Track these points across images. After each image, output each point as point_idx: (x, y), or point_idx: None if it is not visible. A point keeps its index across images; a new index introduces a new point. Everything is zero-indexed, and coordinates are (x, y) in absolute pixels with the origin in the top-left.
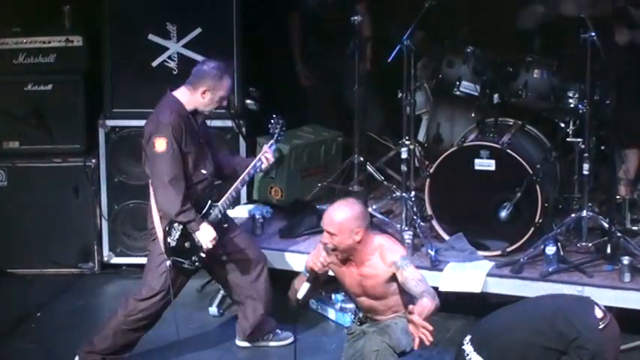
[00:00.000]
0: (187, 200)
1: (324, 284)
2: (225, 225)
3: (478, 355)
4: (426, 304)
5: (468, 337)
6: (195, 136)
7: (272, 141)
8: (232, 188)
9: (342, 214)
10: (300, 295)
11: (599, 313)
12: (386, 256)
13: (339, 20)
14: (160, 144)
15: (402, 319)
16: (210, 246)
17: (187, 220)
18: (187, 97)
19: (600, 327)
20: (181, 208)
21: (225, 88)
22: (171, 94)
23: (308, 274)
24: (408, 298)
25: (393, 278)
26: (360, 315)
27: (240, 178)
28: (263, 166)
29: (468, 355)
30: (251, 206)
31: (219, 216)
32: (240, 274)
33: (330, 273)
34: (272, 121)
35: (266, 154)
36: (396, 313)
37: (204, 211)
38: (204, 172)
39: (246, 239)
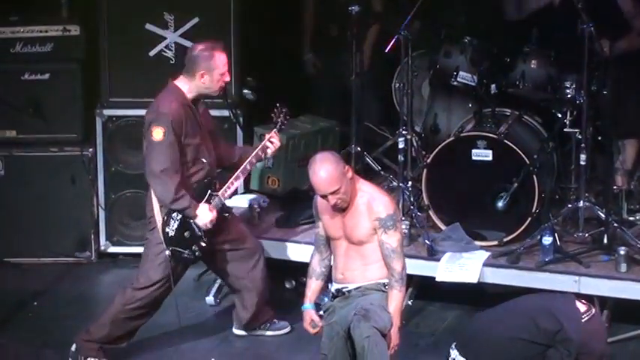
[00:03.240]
0: (182, 188)
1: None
2: (227, 215)
3: (462, 358)
4: (394, 338)
5: (453, 344)
6: (196, 124)
7: (275, 129)
8: (233, 177)
9: (326, 170)
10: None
11: (581, 307)
12: (372, 208)
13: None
14: (157, 133)
15: (376, 294)
16: (210, 226)
17: (183, 207)
18: (188, 84)
19: (584, 319)
20: (175, 195)
21: (221, 64)
22: (173, 84)
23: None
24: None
25: (375, 233)
26: (333, 290)
27: (242, 167)
28: (270, 152)
29: (454, 359)
30: (248, 196)
31: (220, 205)
32: (237, 263)
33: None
34: (275, 109)
35: (272, 138)
36: (370, 280)
37: (205, 200)
38: (204, 160)
39: (243, 229)
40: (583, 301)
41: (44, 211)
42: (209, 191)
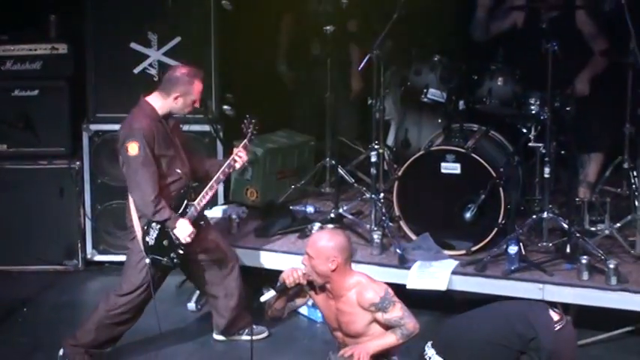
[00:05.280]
0: (162, 199)
1: (292, 299)
2: (202, 223)
3: (439, 358)
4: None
5: (429, 343)
6: (167, 138)
7: (245, 140)
8: (207, 187)
9: (322, 241)
10: (262, 298)
11: (555, 316)
12: (364, 297)
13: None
14: (133, 148)
15: None
16: (189, 240)
17: (163, 219)
18: (161, 102)
19: (557, 328)
20: (156, 207)
21: (196, 92)
22: (144, 100)
23: (279, 284)
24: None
25: (376, 320)
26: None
27: (215, 177)
28: (237, 165)
29: (430, 358)
30: (227, 207)
31: (196, 215)
32: (211, 271)
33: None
34: (245, 121)
35: (239, 154)
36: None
37: (182, 210)
38: (178, 171)
39: (220, 239)
40: (556, 310)
41: (34, 221)
42: (186, 201)
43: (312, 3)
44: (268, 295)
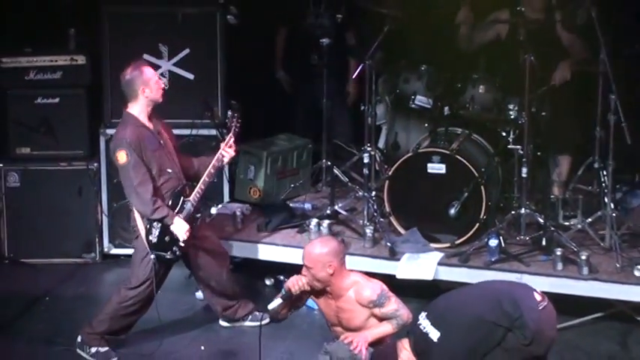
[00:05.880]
0: (158, 198)
1: (295, 304)
2: (198, 216)
3: (434, 328)
4: (358, 338)
5: (424, 314)
6: (154, 140)
7: (230, 134)
8: (200, 182)
9: (316, 250)
10: (270, 306)
11: (538, 297)
12: (362, 295)
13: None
14: (121, 156)
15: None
16: (186, 237)
17: (161, 217)
18: (137, 106)
19: (540, 308)
20: (153, 206)
21: (151, 75)
22: (126, 112)
23: (284, 293)
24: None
25: (373, 315)
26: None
27: (206, 172)
28: (226, 160)
29: (424, 328)
30: (233, 204)
31: (192, 209)
32: (205, 260)
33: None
34: (228, 114)
35: (226, 149)
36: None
37: (179, 206)
38: (169, 170)
39: (211, 234)
40: (539, 291)
41: (55, 217)
42: (182, 198)
43: (310, 17)
44: (275, 303)
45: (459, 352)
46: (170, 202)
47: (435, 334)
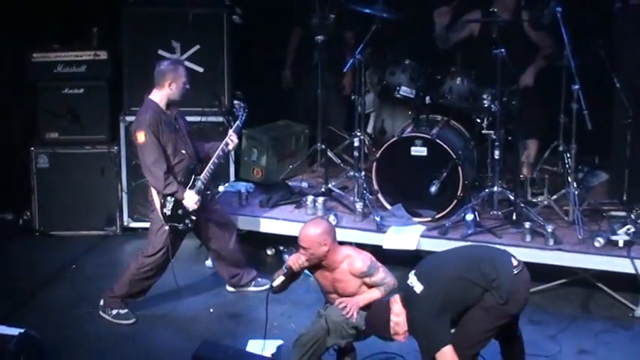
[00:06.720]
0: (170, 175)
1: (294, 278)
2: (209, 192)
3: (418, 282)
4: (351, 301)
5: (413, 271)
6: (171, 125)
7: (237, 122)
8: (210, 163)
9: (310, 231)
10: (274, 283)
11: (514, 262)
12: (354, 267)
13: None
14: (141, 136)
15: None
16: (196, 207)
17: (172, 192)
18: (159, 94)
19: (515, 272)
20: (165, 182)
21: (184, 75)
22: (147, 98)
23: (286, 270)
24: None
25: (364, 283)
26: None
27: (215, 154)
28: (230, 147)
29: (411, 283)
30: (238, 183)
31: (202, 186)
32: (215, 232)
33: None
34: (235, 105)
35: (231, 137)
36: None
37: (191, 183)
38: (183, 152)
39: (219, 207)
40: (515, 257)
41: (80, 195)
42: (194, 176)
43: (315, 17)
44: (278, 280)
45: (436, 302)
46: (183, 179)
47: (419, 287)
